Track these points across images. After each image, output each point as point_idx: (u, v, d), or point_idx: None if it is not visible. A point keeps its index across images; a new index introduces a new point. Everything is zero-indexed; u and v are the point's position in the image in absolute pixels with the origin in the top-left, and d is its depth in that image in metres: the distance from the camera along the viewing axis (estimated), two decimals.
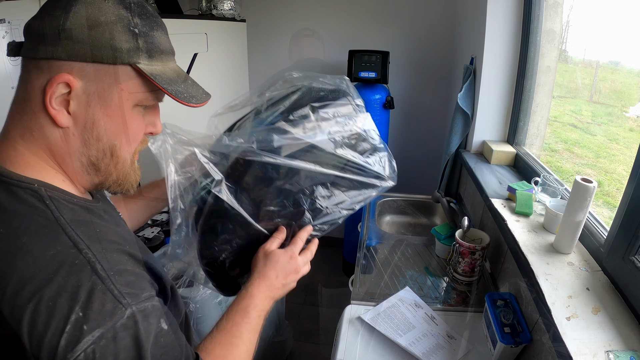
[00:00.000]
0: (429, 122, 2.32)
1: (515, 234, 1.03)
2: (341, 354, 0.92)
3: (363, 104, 0.75)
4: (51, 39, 0.42)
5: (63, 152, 0.46)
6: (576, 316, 0.76)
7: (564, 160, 1.45)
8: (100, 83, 0.45)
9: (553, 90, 1.50)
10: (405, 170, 2.46)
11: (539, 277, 0.86)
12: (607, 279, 0.86)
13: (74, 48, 0.42)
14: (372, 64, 1.94)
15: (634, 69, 1.23)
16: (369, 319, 1.01)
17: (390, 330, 0.98)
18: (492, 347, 0.92)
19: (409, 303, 1.06)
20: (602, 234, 0.94)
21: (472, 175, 1.45)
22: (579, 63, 1.49)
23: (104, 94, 0.45)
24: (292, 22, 2.27)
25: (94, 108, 0.45)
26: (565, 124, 1.59)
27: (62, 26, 0.41)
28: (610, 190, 1.18)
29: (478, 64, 1.59)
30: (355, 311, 1.04)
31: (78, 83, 0.43)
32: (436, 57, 2.17)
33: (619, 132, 1.28)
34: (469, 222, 1.19)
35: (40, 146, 0.46)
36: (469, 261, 1.15)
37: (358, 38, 2.18)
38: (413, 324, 1.01)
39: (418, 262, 1.33)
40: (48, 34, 0.42)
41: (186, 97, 0.49)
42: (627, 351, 0.68)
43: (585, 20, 1.40)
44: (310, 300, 2.19)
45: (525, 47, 1.45)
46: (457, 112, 1.65)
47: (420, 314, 1.03)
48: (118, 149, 0.49)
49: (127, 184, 0.54)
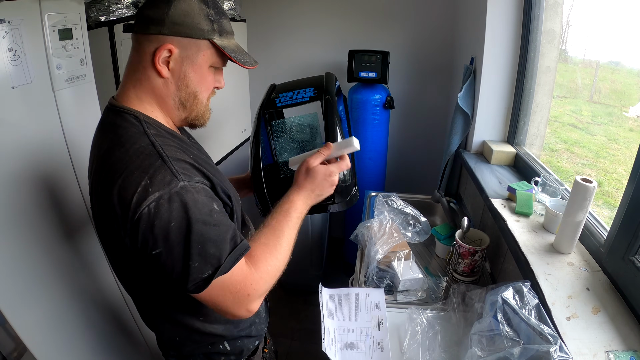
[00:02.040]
0: (429, 122, 2.32)
1: (515, 234, 1.03)
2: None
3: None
4: (159, 21, 0.65)
5: (163, 94, 0.70)
6: (576, 316, 0.76)
7: (564, 160, 1.45)
8: (189, 50, 0.68)
9: (553, 90, 1.50)
10: (405, 170, 2.48)
11: (539, 277, 0.86)
12: (607, 279, 0.86)
13: (174, 28, 0.65)
14: (372, 64, 1.94)
15: (634, 69, 1.23)
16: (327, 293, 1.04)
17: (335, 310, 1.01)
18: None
19: (372, 300, 1.06)
20: (602, 234, 0.94)
21: (472, 175, 1.45)
22: (579, 63, 1.49)
23: (192, 57, 0.68)
24: (292, 22, 2.27)
25: (185, 66, 0.69)
26: (565, 124, 1.59)
27: (166, 14, 0.64)
28: (610, 190, 1.18)
29: (478, 64, 1.59)
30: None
31: (176, 50, 0.66)
32: (436, 57, 2.17)
33: (619, 132, 1.28)
34: (469, 223, 1.19)
35: (146, 91, 0.69)
36: (468, 262, 1.15)
37: (358, 38, 2.18)
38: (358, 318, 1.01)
39: (418, 262, 1.33)
40: (156, 18, 0.65)
41: (243, 62, 0.72)
42: (627, 351, 0.68)
43: (585, 20, 1.40)
44: (310, 300, 2.19)
45: (525, 47, 1.45)
46: (457, 112, 1.65)
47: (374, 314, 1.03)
48: (198, 94, 0.72)
49: (202, 119, 0.77)
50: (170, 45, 0.66)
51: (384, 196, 1.45)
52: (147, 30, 0.65)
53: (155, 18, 0.65)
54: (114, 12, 1.22)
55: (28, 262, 0.99)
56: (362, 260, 1.29)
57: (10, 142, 0.92)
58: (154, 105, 0.70)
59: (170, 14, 0.64)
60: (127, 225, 0.59)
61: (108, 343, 1.29)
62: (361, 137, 2.03)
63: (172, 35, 0.65)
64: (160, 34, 0.65)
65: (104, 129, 0.68)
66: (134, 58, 0.68)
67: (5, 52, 0.87)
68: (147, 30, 0.65)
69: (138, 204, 0.58)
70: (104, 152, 0.64)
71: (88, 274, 1.20)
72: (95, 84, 1.15)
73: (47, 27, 0.96)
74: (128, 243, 0.61)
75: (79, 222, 1.16)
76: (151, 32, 0.65)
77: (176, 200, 0.59)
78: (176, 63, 0.68)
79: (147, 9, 0.66)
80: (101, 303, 1.25)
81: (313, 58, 2.30)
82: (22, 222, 0.98)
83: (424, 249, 1.43)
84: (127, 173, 0.59)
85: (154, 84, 0.69)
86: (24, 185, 0.97)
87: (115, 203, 0.59)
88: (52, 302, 1.07)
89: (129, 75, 0.70)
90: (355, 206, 2.16)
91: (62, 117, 1.05)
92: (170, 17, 0.65)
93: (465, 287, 1.02)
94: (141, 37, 0.67)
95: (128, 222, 0.59)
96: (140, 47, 0.67)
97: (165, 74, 0.67)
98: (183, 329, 0.79)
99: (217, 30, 0.69)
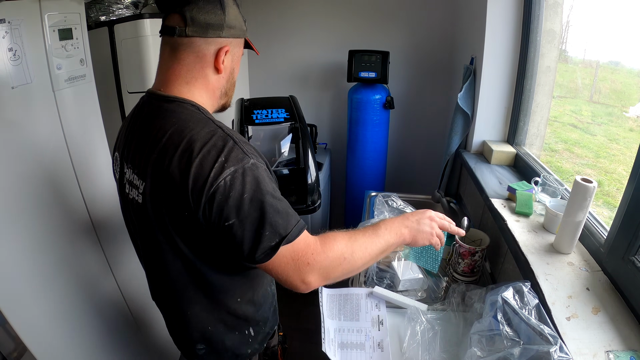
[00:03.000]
0: (429, 122, 2.32)
1: (515, 234, 1.03)
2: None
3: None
4: (218, 26, 0.73)
5: (214, 87, 0.78)
6: (576, 316, 0.76)
7: (564, 160, 1.45)
8: (236, 47, 0.79)
9: (553, 90, 1.50)
10: (405, 170, 2.48)
11: (539, 277, 0.86)
12: (607, 279, 0.86)
13: (230, 32, 0.75)
14: (372, 64, 1.94)
15: (634, 69, 1.23)
16: (327, 293, 1.03)
17: (335, 310, 1.00)
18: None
19: (372, 300, 1.05)
20: (602, 234, 0.94)
21: (472, 175, 1.45)
22: (579, 63, 1.49)
23: (237, 54, 0.80)
24: (292, 22, 2.27)
25: (233, 62, 0.79)
26: (565, 124, 1.59)
27: (224, 20, 0.73)
28: (610, 190, 1.18)
29: (478, 64, 1.59)
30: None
31: (230, 49, 0.76)
32: (436, 57, 2.17)
33: (619, 132, 1.28)
34: (468, 223, 1.19)
35: (200, 86, 0.76)
36: (468, 262, 1.15)
37: (358, 38, 2.18)
38: (358, 318, 1.01)
39: None
40: (215, 24, 0.72)
41: (257, 50, 0.89)
42: (627, 351, 0.68)
43: (585, 20, 1.40)
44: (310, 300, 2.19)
45: (525, 47, 1.45)
46: (457, 112, 1.65)
47: (374, 314, 1.02)
48: (234, 82, 0.83)
49: (230, 103, 0.87)
50: (228, 46, 0.75)
51: (384, 196, 1.45)
52: (206, 34, 0.73)
53: (214, 23, 0.72)
54: (114, 12, 1.22)
55: (28, 262, 0.99)
56: None
57: (10, 142, 0.92)
58: (204, 96, 0.77)
59: (226, 20, 0.74)
60: (202, 199, 0.65)
61: (108, 343, 1.29)
62: (361, 137, 2.04)
63: (229, 38, 0.75)
64: (220, 37, 0.74)
65: (161, 114, 0.73)
66: (188, 57, 0.74)
67: (5, 52, 0.87)
68: (206, 34, 0.73)
69: (215, 177, 0.64)
70: (170, 134, 0.69)
71: (88, 273, 1.20)
72: (95, 84, 1.15)
73: (47, 27, 0.96)
74: (201, 217, 0.66)
75: (79, 222, 1.16)
76: (210, 35, 0.73)
77: (249, 174, 0.65)
78: (228, 60, 0.77)
79: (202, 15, 0.72)
80: (101, 303, 1.25)
81: (313, 58, 2.31)
82: (22, 222, 0.98)
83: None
84: (204, 152, 0.65)
85: (210, 79, 0.77)
86: (24, 185, 0.97)
87: (191, 179, 0.64)
88: (52, 302, 1.07)
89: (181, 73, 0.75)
90: (355, 206, 2.17)
91: (62, 117, 1.05)
92: (226, 22, 0.74)
93: (465, 287, 1.02)
94: (198, 40, 0.73)
95: (203, 196, 0.64)
96: (198, 49, 0.74)
97: (221, 70, 0.76)
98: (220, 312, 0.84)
99: (246, 28, 0.81)
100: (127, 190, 0.77)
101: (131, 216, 0.80)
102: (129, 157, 0.76)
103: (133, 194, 0.75)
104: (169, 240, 0.74)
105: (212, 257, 0.76)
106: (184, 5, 0.71)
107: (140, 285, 1.44)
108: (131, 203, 0.77)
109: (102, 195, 1.24)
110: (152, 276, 0.89)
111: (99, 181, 1.22)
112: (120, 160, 0.80)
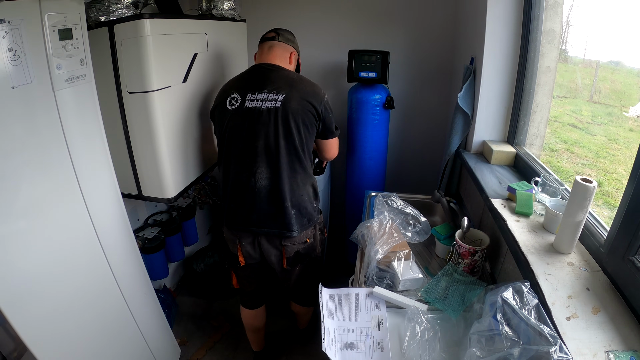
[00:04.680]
0: (429, 122, 2.31)
1: (515, 234, 1.03)
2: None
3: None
4: (292, 42, 1.49)
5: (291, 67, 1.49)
6: (576, 316, 0.76)
7: (564, 160, 1.45)
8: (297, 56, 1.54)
9: (553, 90, 1.50)
10: (405, 170, 2.48)
11: (538, 277, 0.86)
12: (607, 279, 0.86)
13: (296, 45, 1.52)
14: (372, 64, 1.93)
15: (634, 69, 1.23)
16: (327, 293, 1.04)
17: (335, 310, 1.01)
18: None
19: (372, 300, 1.05)
20: (602, 234, 0.94)
21: (472, 175, 1.45)
22: (579, 63, 1.49)
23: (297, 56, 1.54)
24: (292, 22, 2.26)
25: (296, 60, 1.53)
26: (565, 124, 1.59)
27: (294, 40, 1.52)
28: (610, 190, 1.18)
29: (478, 64, 1.59)
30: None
31: (295, 54, 1.49)
32: (436, 57, 2.17)
33: (619, 132, 1.28)
34: (468, 223, 1.19)
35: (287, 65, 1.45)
36: (468, 262, 1.15)
37: (358, 38, 2.18)
38: (358, 318, 1.01)
39: (418, 262, 1.32)
40: (291, 40, 1.49)
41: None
42: (627, 351, 0.68)
43: (585, 20, 1.40)
44: None
45: (525, 47, 1.45)
46: (457, 112, 1.65)
47: (374, 314, 1.02)
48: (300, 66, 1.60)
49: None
50: (295, 52, 1.49)
51: (384, 196, 1.45)
52: (288, 44, 1.46)
53: (291, 40, 1.48)
54: (114, 12, 1.22)
55: (28, 261, 0.99)
56: (362, 260, 1.29)
57: (10, 142, 0.92)
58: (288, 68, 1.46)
59: (294, 40, 1.51)
60: (320, 108, 1.33)
61: (108, 343, 1.29)
62: (361, 137, 2.03)
63: (296, 49, 1.50)
64: (293, 47, 1.48)
65: (282, 74, 1.36)
66: (280, 52, 1.43)
67: (5, 52, 0.87)
68: (288, 44, 1.46)
69: (324, 97, 1.36)
70: (297, 79, 1.36)
71: (88, 273, 1.20)
72: (95, 84, 1.15)
73: (47, 27, 0.96)
74: (320, 124, 1.37)
75: (79, 221, 1.16)
76: (290, 45, 1.47)
77: (329, 106, 1.40)
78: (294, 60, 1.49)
79: (287, 34, 1.48)
80: (101, 303, 1.25)
81: (313, 58, 2.30)
82: (21, 222, 0.98)
83: (424, 249, 1.43)
84: (318, 88, 1.36)
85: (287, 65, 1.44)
86: (24, 185, 0.97)
87: (317, 98, 1.33)
88: (52, 301, 1.07)
89: (278, 58, 1.42)
90: (355, 206, 2.17)
91: (62, 117, 1.05)
92: (295, 42, 1.51)
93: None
94: (284, 45, 1.45)
95: (321, 107, 1.33)
96: (284, 49, 1.44)
97: (292, 63, 1.47)
98: (313, 193, 1.42)
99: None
100: (255, 105, 1.29)
101: (251, 125, 1.30)
102: (256, 89, 1.32)
103: (268, 104, 1.28)
104: (289, 135, 1.29)
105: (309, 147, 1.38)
106: (278, 29, 1.47)
107: (141, 285, 1.45)
108: (258, 113, 1.29)
109: (102, 195, 1.24)
110: (259, 166, 1.32)
111: (98, 180, 1.22)
112: (243, 93, 1.32)
